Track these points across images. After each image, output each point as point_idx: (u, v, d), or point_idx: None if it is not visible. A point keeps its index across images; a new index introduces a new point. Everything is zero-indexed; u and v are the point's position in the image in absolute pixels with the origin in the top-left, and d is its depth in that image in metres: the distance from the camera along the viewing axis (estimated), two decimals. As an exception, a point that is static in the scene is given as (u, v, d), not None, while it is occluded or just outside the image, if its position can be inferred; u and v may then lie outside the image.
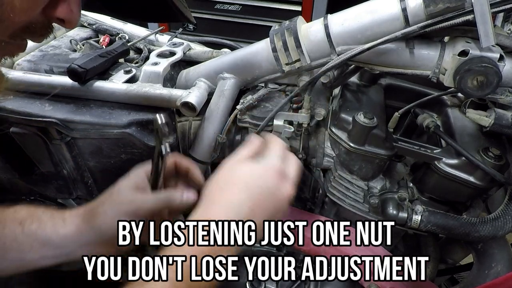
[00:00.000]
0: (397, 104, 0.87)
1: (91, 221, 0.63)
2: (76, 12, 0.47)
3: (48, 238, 0.63)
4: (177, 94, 0.79)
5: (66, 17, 0.47)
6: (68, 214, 0.65)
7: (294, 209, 0.86)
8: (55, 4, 0.45)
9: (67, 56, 0.93)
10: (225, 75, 0.81)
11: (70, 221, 0.64)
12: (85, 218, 0.64)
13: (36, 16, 0.45)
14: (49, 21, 0.47)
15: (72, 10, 0.46)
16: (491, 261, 0.76)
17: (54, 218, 0.65)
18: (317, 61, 0.72)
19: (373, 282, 0.79)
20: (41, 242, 0.63)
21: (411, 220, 0.72)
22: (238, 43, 1.05)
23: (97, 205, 0.65)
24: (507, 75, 0.61)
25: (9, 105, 0.81)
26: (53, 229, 0.63)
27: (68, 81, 0.81)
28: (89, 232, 0.63)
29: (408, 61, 0.66)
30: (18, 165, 0.94)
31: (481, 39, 0.56)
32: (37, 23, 0.46)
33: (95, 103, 0.83)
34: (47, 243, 0.63)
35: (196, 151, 0.85)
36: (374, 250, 0.81)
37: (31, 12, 0.43)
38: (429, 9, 0.59)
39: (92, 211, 0.65)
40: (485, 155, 0.68)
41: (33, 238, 0.63)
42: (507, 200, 0.71)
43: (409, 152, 0.74)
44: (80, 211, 0.66)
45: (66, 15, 0.46)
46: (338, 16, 0.69)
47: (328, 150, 0.83)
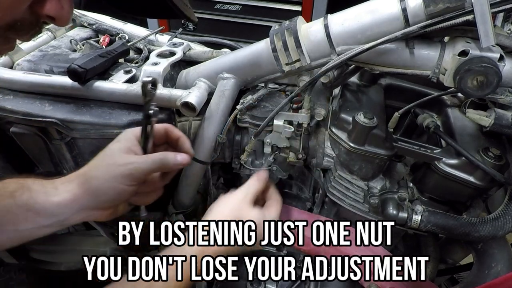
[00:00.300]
0: (397, 104, 0.87)
1: (85, 185, 0.63)
2: (67, 9, 0.44)
3: (42, 207, 0.62)
4: (177, 94, 0.79)
5: (56, 14, 0.43)
6: (60, 182, 0.65)
7: (294, 209, 0.86)
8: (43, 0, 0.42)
9: (67, 56, 0.93)
10: (225, 75, 0.81)
11: (62, 188, 0.63)
12: (78, 184, 0.63)
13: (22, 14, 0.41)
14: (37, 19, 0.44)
15: (62, 6, 0.43)
16: (491, 261, 0.76)
17: (45, 187, 0.64)
18: (317, 61, 0.72)
19: (373, 282, 0.78)
20: (35, 211, 0.62)
21: (411, 220, 0.72)
22: (238, 43, 1.05)
23: (89, 169, 0.64)
24: (507, 75, 0.61)
25: (9, 105, 0.81)
26: (46, 198, 0.62)
27: (68, 81, 0.81)
28: (84, 197, 0.62)
29: (408, 61, 0.66)
30: (18, 165, 0.94)
31: (481, 39, 0.56)
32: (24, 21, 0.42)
33: (95, 103, 0.83)
34: (41, 212, 0.62)
35: (196, 151, 0.85)
36: (374, 250, 0.80)
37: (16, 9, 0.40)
38: (429, 9, 0.59)
39: (85, 176, 0.64)
40: (485, 155, 0.68)
41: (27, 208, 0.62)
42: (507, 200, 0.71)
43: (409, 152, 0.74)
44: (72, 177, 0.65)
45: (56, 12, 0.43)
46: (338, 16, 0.69)
47: (328, 150, 0.83)
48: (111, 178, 0.61)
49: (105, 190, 0.62)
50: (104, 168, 0.63)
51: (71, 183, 0.64)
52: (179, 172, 0.90)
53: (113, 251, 1.31)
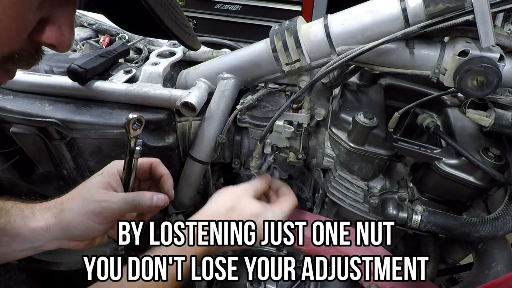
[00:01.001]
0: (397, 104, 0.87)
1: (59, 217, 0.64)
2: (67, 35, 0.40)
3: (17, 233, 0.63)
4: (177, 94, 0.79)
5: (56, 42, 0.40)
6: (38, 207, 0.65)
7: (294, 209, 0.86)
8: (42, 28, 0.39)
9: (67, 56, 0.93)
10: (225, 75, 0.81)
11: (39, 215, 0.64)
12: (54, 213, 0.64)
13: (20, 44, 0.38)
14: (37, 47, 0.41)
15: (62, 33, 0.40)
16: (491, 261, 0.76)
17: (23, 212, 0.64)
18: (317, 61, 0.72)
19: (373, 282, 0.78)
20: (10, 236, 0.62)
21: (411, 220, 0.72)
22: (238, 43, 1.05)
23: (66, 199, 0.65)
24: (507, 75, 0.61)
25: (9, 105, 0.81)
26: (22, 223, 0.63)
27: (68, 81, 0.81)
28: (57, 228, 0.63)
29: (408, 61, 0.66)
30: (18, 165, 0.94)
31: (481, 39, 0.56)
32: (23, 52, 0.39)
33: (95, 103, 0.83)
34: (16, 237, 0.63)
35: (196, 151, 0.85)
36: (374, 250, 0.80)
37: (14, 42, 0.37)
38: (429, 9, 0.59)
39: (61, 206, 0.65)
40: (485, 155, 0.68)
41: (2, 233, 0.62)
42: (507, 200, 0.71)
43: (409, 152, 0.74)
44: (51, 204, 0.66)
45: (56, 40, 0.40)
46: (338, 16, 0.69)
47: (328, 150, 0.83)
48: (83, 214, 0.62)
49: (75, 225, 0.63)
50: (79, 202, 0.64)
51: (48, 211, 0.65)
52: (179, 172, 0.90)
53: (113, 251, 1.31)
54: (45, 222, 0.64)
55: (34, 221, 0.64)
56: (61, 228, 0.63)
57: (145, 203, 0.64)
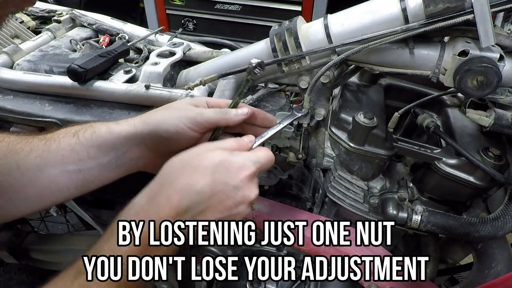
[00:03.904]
0: (397, 104, 0.87)
1: (149, 119, 0.63)
2: None
3: (103, 140, 0.63)
4: (177, 94, 0.79)
5: None
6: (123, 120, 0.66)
7: (294, 209, 0.86)
8: None
9: (67, 56, 0.93)
10: (225, 75, 0.81)
11: (123, 121, 0.65)
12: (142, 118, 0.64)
13: None
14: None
15: None
16: (491, 261, 0.76)
17: (108, 124, 0.65)
18: (317, 61, 0.72)
19: (373, 282, 0.78)
20: (96, 146, 0.63)
21: (411, 220, 0.72)
22: (238, 43, 1.05)
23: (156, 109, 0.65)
24: (507, 75, 0.61)
25: (9, 105, 0.81)
26: (107, 130, 0.63)
27: (68, 81, 0.81)
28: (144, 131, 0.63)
29: (408, 61, 0.66)
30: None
31: (481, 39, 0.56)
32: None
33: (95, 103, 0.83)
34: (102, 145, 0.63)
35: (196, 151, 0.85)
36: (374, 250, 0.80)
37: None
38: (429, 9, 0.59)
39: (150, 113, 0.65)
40: (485, 155, 0.67)
41: (89, 145, 0.62)
42: (507, 200, 0.71)
43: (409, 152, 0.74)
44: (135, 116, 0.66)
45: None
46: (338, 16, 0.69)
47: (328, 150, 0.83)
48: (175, 117, 0.62)
49: (166, 126, 0.62)
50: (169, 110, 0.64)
51: (134, 118, 0.65)
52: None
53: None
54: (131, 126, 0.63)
55: (119, 127, 0.63)
56: (149, 131, 0.62)
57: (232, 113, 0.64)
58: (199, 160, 0.54)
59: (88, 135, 0.63)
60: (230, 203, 0.55)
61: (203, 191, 0.53)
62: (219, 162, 0.54)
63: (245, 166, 0.55)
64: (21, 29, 1.06)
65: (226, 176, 0.54)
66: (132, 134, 0.63)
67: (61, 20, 1.09)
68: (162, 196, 0.53)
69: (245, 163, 0.56)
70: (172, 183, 0.53)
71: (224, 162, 0.54)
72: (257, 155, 0.58)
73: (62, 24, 1.09)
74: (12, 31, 1.04)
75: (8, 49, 0.93)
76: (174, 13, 2.56)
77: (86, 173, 0.64)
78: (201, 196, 0.53)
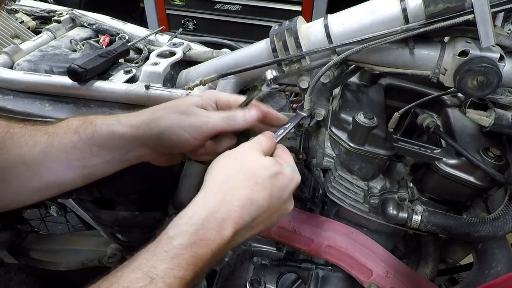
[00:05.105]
0: (397, 104, 0.87)
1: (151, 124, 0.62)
2: None
3: (105, 139, 0.62)
4: (177, 94, 0.79)
5: None
6: (123, 116, 0.65)
7: (294, 209, 0.86)
8: None
9: (67, 56, 0.93)
10: (225, 75, 0.81)
11: (126, 121, 0.63)
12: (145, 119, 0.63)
13: None
14: None
15: None
16: (491, 261, 0.76)
17: (108, 121, 0.64)
18: (317, 61, 0.72)
19: (373, 282, 0.79)
20: (98, 145, 0.62)
21: (411, 220, 0.72)
22: (238, 43, 1.05)
23: (158, 109, 0.64)
24: (507, 75, 0.61)
25: (9, 105, 0.81)
26: (109, 130, 0.62)
27: (68, 81, 0.81)
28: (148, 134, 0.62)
29: (408, 61, 0.66)
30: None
31: (481, 39, 0.56)
32: None
33: (95, 103, 0.83)
34: (103, 144, 0.62)
35: (196, 151, 0.85)
36: (374, 250, 0.81)
37: None
38: (429, 9, 0.59)
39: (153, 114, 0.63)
40: (485, 155, 0.67)
41: (91, 143, 0.62)
42: (507, 200, 0.71)
43: (409, 152, 0.74)
44: (136, 113, 0.65)
45: None
46: (338, 16, 0.69)
47: (328, 150, 0.83)
48: (179, 126, 0.61)
49: (169, 135, 0.61)
50: (175, 115, 0.62)
51: (135, 117, 0.64)
52: (179, 172, 0.90)
53: (113, 251, 1.31)
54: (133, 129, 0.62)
55: (121, 127, 0.63)
56: (152, 135, 0.62)
57: (239, 119, 0.63)
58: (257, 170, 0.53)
59: (89, 133, 0.63)
60: (276, 216, 0.56)
61: (261, 205, 0.52)
62: (275, 174, 0.54)
63: (293, 179, 0.56)
64: (21, 29, 1.06)
65: (281, 191, 0.54)
66: (134, 136, 0.63)
67: (61, 20, 1.09)
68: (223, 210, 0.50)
69: (293, 176, 0.57)
70: (234, 196, 0.51)
71: (279, 176, 0.54)
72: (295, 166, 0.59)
73: (62, 24, 1.09)
74: (12, 31, 1.04)
75: (8, 49, 0.93)
76: (174, 13, 2.56)
77: (91, 169, 0.64)
78: (258, 211, 0.52)
